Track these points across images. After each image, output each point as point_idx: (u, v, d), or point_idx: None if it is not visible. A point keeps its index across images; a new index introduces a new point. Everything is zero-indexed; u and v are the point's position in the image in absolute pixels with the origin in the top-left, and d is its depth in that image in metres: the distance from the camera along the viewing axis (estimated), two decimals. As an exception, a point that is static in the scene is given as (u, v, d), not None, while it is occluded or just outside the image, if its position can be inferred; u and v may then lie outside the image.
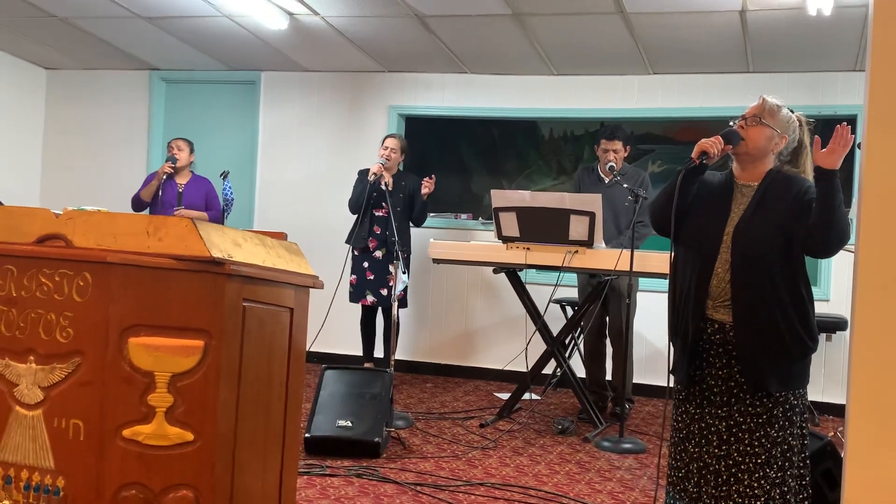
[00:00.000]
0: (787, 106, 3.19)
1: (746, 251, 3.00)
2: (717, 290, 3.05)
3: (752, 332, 3.00)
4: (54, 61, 7.80)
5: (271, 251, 2.35)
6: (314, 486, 3.88)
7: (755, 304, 2.99)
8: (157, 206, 6.35)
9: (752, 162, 3.13)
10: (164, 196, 6.34)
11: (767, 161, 3.14)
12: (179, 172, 6.43)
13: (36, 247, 2.20)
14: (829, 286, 6.33)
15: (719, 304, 3.06)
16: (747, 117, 3.13)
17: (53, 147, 8.04)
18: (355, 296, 6.23)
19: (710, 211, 3.13)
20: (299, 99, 7.52)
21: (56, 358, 2.16)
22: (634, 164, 6.81)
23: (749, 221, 3.04)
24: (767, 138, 3.11)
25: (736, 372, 3.04)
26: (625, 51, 6.23)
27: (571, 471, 4.41)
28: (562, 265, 5.10)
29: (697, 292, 3.08)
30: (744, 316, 3.00)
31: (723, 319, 3.06)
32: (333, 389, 4.62)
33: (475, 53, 6.63)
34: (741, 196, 3.13)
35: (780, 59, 6.18)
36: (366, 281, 6.20)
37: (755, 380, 2.99)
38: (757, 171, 3.13)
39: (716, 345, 3.08)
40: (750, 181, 3.14)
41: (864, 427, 2.18)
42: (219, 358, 2.08)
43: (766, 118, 3.11)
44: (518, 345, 6.23)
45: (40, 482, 2.16)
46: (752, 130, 3.11)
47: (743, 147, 3.10)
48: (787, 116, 3.16)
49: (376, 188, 6.08)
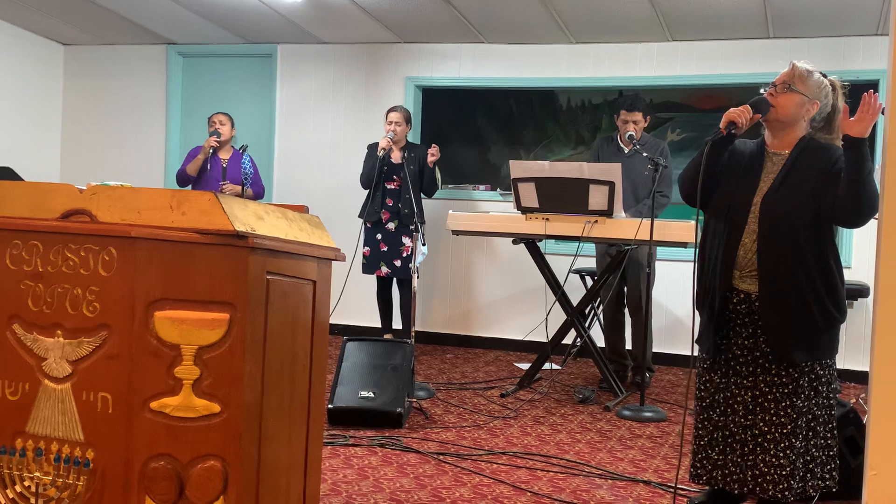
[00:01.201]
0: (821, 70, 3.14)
1: (774, 221, 2.98)
2: (744, 260, 3.05)
3: (778, 303, 2.99)
4: (72, 37, 7.82)
5: (293, 224, 2.36)
6: (338, 455, 3.92)
7: (782, 275, 2.98)
8: (203, 181, 6.36)
9: (783, 129, 3.09)
10: (212, 171, 6.35)
11: (799, 128, 3.10)
12: (222, 147, 6.44)
13: (61, 222, 2.21)
14: (851, 253, 6.29)
15: (746, 274, 3.05)
16: (777, 84, 3.09)
17: (72, 123, 8.08)
18: (369, 267, 6.30)
19: (740, 180, 3.10)
20: (316, 71, 7.51)
21: (83, 332, 2.18)
22: (654, 132, 6.77)
23: (778, 191, 3.02)
24: (798, 105, 3.06)
25: (762, 342, 3.04)
26: (643, 17, 6.17)
27: (593, 439, 4.43)
28: (581, 235, 5.10)
29: (724, 262, 3.07)
30: (770, 287, 2.99)
31: (749, 290, 3.05)
32: (355, 361, 4.66)
33: (492, 22, 6.58)
34: (772, 165, 3.10)
35: (801, 24, 6.10)
36: (379, 252, 6.26)
37: (781, 351, 2.99)
38: (788, 138, 3.09)
39: (742, 315, 3.08)
40: (781, 149, 3.10)
41: (886, 393, 2.18)
42: (244, 330, 2.10)
43: (796, 84, 3.06)
44: (538, 315, 6.24)
45: (70, 454, 2.19)
46: (782, 97, 3.07)
47: (773, 114, 3.06)
48: (818, 81, 3.10)
49: (386, 162, 6.10)
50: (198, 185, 6.35)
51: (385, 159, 6.09)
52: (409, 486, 3.56)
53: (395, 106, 6.44)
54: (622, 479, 3.78)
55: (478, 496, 3.47)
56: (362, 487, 3.51)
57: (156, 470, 2.12)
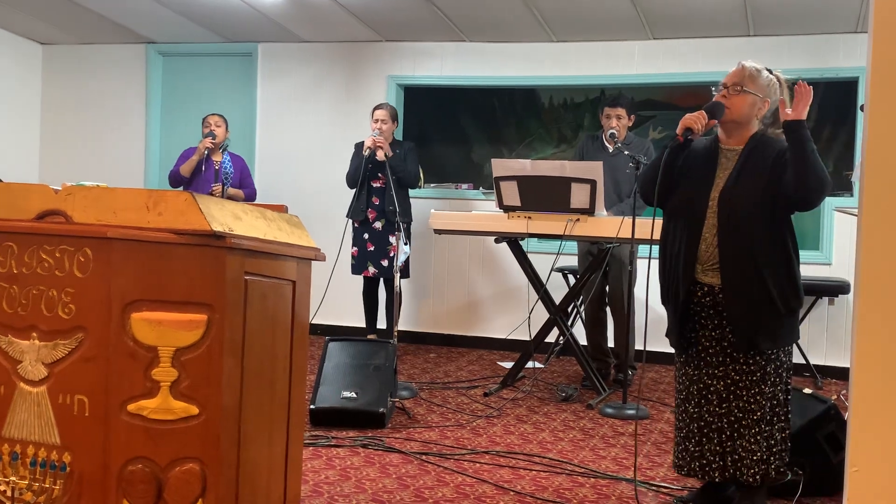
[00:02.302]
0: (766, 67, 3.26)
1: (732, 215, 3.08)
2: (706, 254, 3.14)
3: (740, 293, 3.08)
4: (50, 36, 7.75)
5: (272, 224, 2.34)
6: (320, 456, 3.90)
7: (743, 266, 3.07)
8: (196, 183, 6.32)
9: (737, 128, 3.21)
10: (206, 173, 6.32)
11: (752, 126, 3.21)
12: (216, 150, 6.40)
13: (36, 223, 2.19)
14: (832, 250, 6.31)
15: (708, 267, 3.15)
16: (728, 86, 3.19)
17: (51, 123, 8.01)
18: (357, 268, 6.27)
19: (697, 177, 3.20)
20: (297, 70, 7.47)
21: (59, 334, 2.16)
22: (635, 130, 6.78)
23: (734, 186, 3.11)
24: (750, 105, 3.17)
25: (728, 333, 3.14)
26: (625, 16, 6.18)
27: (575, 437, 4.43)
28: (563, 233, 5.09)
29: (687, 257, 3.17)
30: (732, 278, 3.08)
31: (712, 282, 3.15)
32: (337, 361, 4.63)
33: (474, 21, 6.57)
34: (726, 160, 3.20)
35: (781, 22, 6.13)
36: (367, 252, 6.22)
37: (747, 339, 3.08)
38: (741, 135, 3.20)
39: (707, 307, 3.18)
40: (734, 145, 3.21)
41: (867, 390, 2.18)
42: (222, 331, 2.08)
43: (747, 85, 3.17)
44: (520, 314, 6.23)
45: (46, 458, 2.17)
46: (735, 99, 3.17)
47: (728, 116, 3.17)
48: (767, 79, 3.21)
49: (372, 160, 6.06)
50: (190, 186, 6.32)
51: (371, 157, 6.05)
52: (391, 486, 3.54)
53: (381, 103, 6.39)
54: (605, 477, 3.77)
55: (461, 496, 3.46)
56: (344, 488, 3.50)
57: (133, 473, 2.10)
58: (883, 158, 2.18)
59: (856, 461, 2.18)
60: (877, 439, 2.17)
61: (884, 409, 2.16)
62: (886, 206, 2.17)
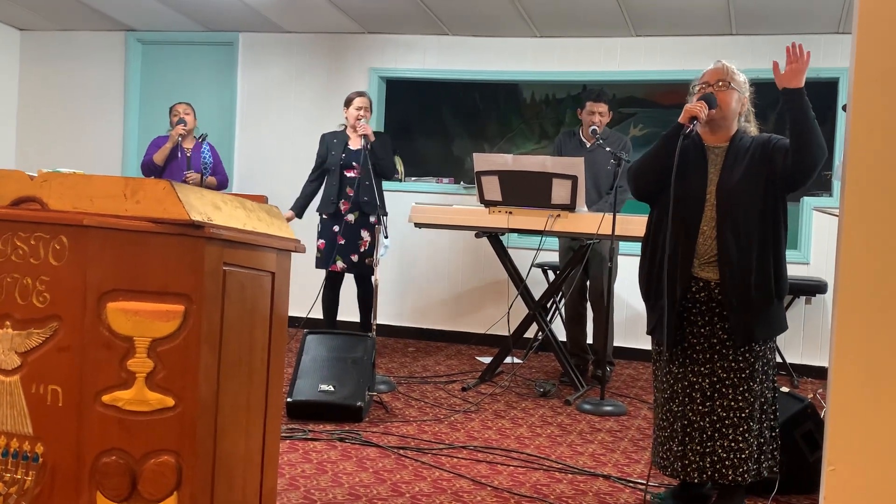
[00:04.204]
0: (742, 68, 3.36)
1: (731, 206, 3.11)
2: (703, 247, 3.16)
3: (741, 283, 3.09)
4: (28, 22, 7.65)
5: (252, 214, 2.31)
6: (297, 450, 3.88)
7: (742, 256, 3.10)
8: (169, 171, 6.25)
9: (722, 125, 3.25)
10: (179, 160, 6.25)
11: (735, 123, 3.28)
12: (186, 137, 6.34)
13: (10, 210, 2.15)
14: (810, 249, 6.35)
15: (705, 261, 3.16)
16: (712, 83, 3.25)
17: (28, 109, 7.91)
18: (323, 262, 5.86)
19: (688, 175, 3.20)
20: (278, 61, 7.42)
21: (33, 323, 2.12)
22: (616, 127, 6.78)
23: (730, 178, 3.15)
24: (736, 101, 3.25)
25: (719, 329, 3.15)
26: (608, 12, 6.18)
27: (553, 433, 4.43)
28: (544, 229, 5.09)
29: (684, 252, 3.16)
30: (732, 269, 3.10)
31: (708, 277, 3.16)
32: (315, 354, 4.61)
33: (457, 14, 6.55)
34: (715, 157, 3.24)
35: (763, 22, 6.15)
36: (336, 246, 5.81)
37: (746, 331, 3.09)
38: (725, 133, 3.26)
39: (699, 303, 3.18)
40: (719, 143, 3.25)
41: (845, 389, 2.19)
42: (199, 323, 2.05)
43: (732, 82, 3.24)
44: (500, 309, 6.23)
45: (18, 449, 2.13)
46: (723, 94, 3.23)
47: (718, 111, 3.21)
48: (743, 79, 3.30)
49: (345, 149, 5.90)
50: (164, 174, 6.24)
51: (345, 146, 5.88)
52: (368, 480, 3.53)
53: (360, 91, 6.15)
54: (582, 473, 3.78)
55: (437, 490, 3.45)
56: (321, 482, 3.48)
57: (107, 465, 2.06)
58: (864, 158, 2.19)
59: (833, 460, 2.19)
60: (854, 439, 2.17)
61: (861, 409, 2.17)
62: (867, 206, 2.18)
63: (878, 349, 2.16)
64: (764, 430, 3.17)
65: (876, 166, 2.17)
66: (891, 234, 2.16)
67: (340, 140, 5.91)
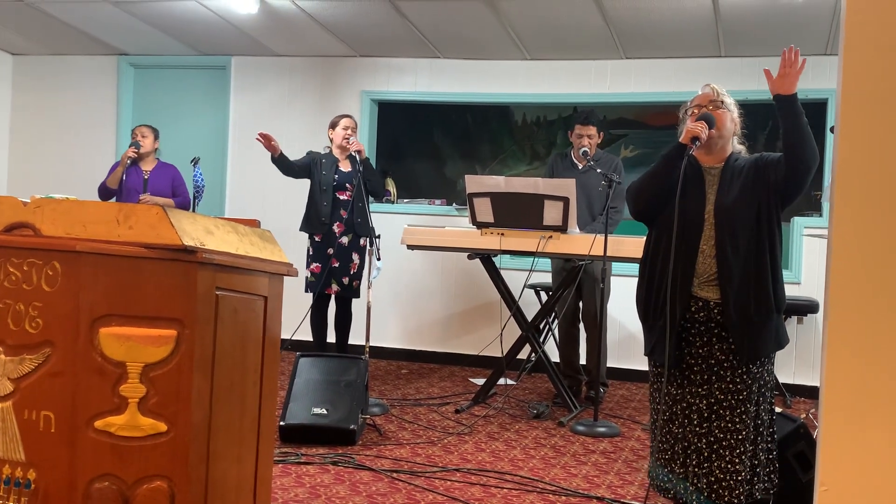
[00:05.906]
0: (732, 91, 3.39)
1: (731, 225, 3.12)
2: (703, 266, 3.15)
3: (742, 300, 3.09)
4: (21, 46, 7.67)
5: (244, 239, 2.32)
6: (289, 474, 3.87)
7: (742, 274, 3.10)
8: (122, 192, 6.21)
9: (718, 145, 3.26)
10: (128, 182, 6.20)
11: (730, 145, 3.30)
12: (144, 159, 6.29)
13: (3, 236, 2.15)
14: (801, 269, 6.37)
15: (704, 281, 3.15)
16: (705, 105, 3.27)
17: (21, 134, 7.91)
18: (317, 285, 5.67)
19: (687, 194, 3.20)
20: (270, 84, 7.45)
21: (25, 349, 2.12)
22: (607, 149, 6.82)
23: (727, 197, 3.16)
24: (731, 121, 3.28)
25: (717, 350, 3.13)
26: (598, 35, 6.22)
27: (547, 455, 4.42)
28: (536, 250, 5.10)
29: (684, 272, 3.16)
30: (733, 287, 3.09)
31: (708, 297, 3.15)
32: (308, 377, 4.60)
33: (448, 38, 6.59)
34: (711, 178, 3.25)
35: (752, 44, 6.20)
36: (331, 269, 5.67)
37: (752, 348, 3.09)
38: (721, 154, 3.27)
39: (698, 323, 3.17)
40: (715, 164, 3.27)
41: (837, 409, 2.19)
42: (192, 347, 2.05)
43: (723, 103, 3.27)
44: (493, 330, 6.23)
45: (11, 475, 2.12)
46: (718, 114, 3.25)
47: (716, 131, 3.23)
48: (731, 100, 3.33)
49: (336, 171, 5.77)
50: (118, 197, 6.17)
51: (336, 168, 5.81)
52: (361, 504, 3.52)
53: (344, 114, 6.02)
54: (576, 495, 3.77)
55: (431, 514, 3.44)
56: (314, 506, 3.46)
57: (100, 491, 2.06)
58: (852, 180, 2.21)
59: (825, 480, 2.19)
60: (847, 459, 2.18)
61: (854, 429, 2.17)
62: (856, 226, 2.20)
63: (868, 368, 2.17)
64: (759, 452, 3.15)
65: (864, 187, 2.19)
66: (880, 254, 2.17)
67: (330, 161, 5.81)
